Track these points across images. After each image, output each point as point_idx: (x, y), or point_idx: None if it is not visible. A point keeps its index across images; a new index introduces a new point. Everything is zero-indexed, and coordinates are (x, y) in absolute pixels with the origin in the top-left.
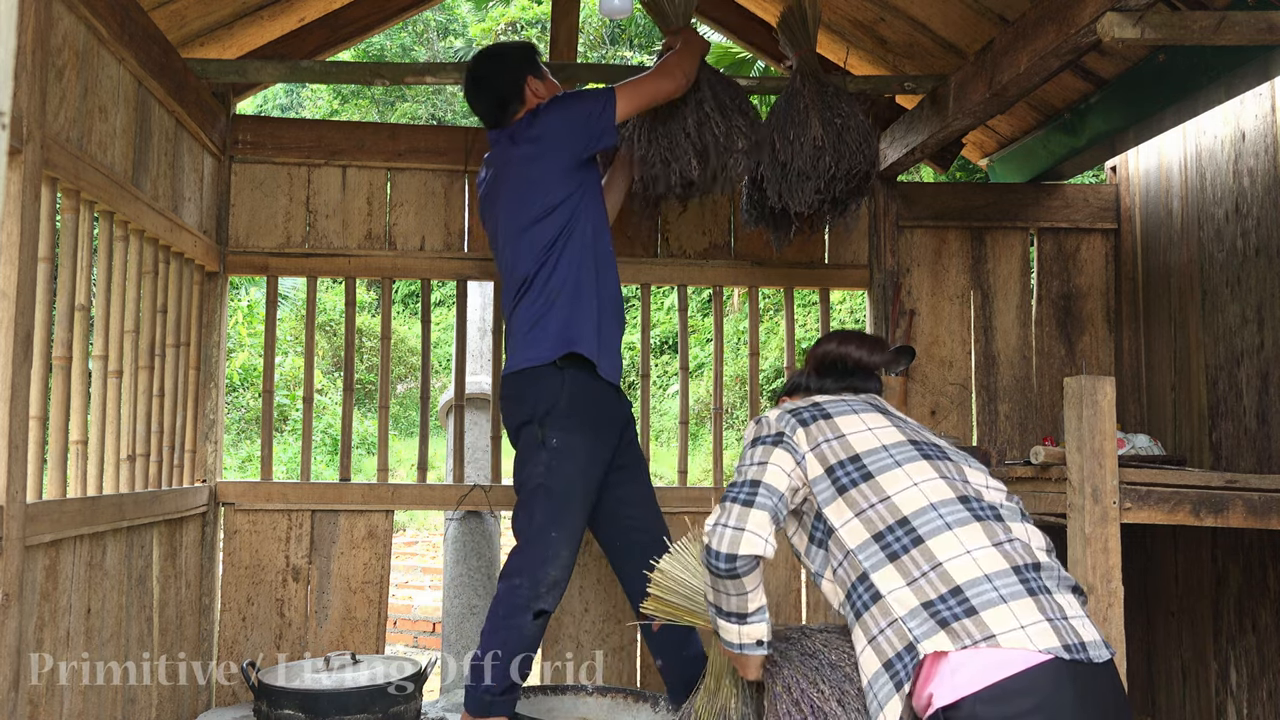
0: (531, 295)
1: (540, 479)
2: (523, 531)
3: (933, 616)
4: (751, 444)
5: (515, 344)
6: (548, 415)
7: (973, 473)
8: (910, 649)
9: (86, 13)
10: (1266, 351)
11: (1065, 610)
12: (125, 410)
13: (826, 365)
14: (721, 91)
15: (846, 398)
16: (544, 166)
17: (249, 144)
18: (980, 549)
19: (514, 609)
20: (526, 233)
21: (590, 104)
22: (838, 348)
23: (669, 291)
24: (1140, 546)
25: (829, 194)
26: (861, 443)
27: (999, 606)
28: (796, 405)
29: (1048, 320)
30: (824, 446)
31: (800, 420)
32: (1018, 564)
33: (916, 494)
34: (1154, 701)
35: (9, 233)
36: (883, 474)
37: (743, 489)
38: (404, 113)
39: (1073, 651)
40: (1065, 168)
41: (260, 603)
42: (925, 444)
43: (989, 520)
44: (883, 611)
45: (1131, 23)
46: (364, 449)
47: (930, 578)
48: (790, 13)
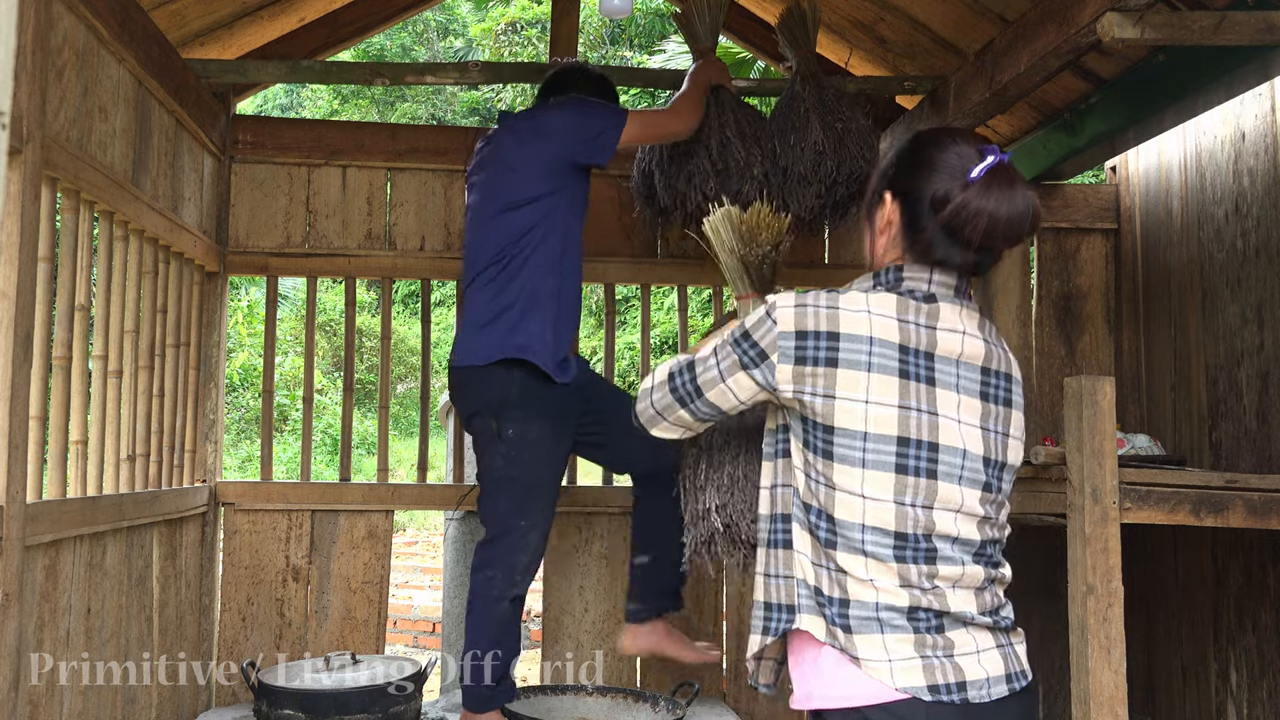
0: (493, 286)
1: (501, 470)
2: (490, 521)
3: (819, 605)
4: (738, 339)
5: (467, 334)
6: (501, 407)
7: (969, 496)
8: (791, 610)
9: (86, 13)
10: (1266, 351)
11: (955, 648)
12: (125, 410)
13: (959, 230)
14: (743, 119)
15: (884, 331)
16: (533, 156)
17: (249, 144)
18: (885, 587)
19: (489, 600)
20: (500, 216)
21: (603, 120)
22: (992, 209)
23: (669, 291)
24: (1140, 546)
25: (830, 198)
26: (845, 416)
27: (874, 635)
28: (810, 329)
29: (1048, 320)
30: (808, 396)
31: (800, 355)
32: (918, 607)
33: (857, 506)
34: (1154, 701)
35: (9, 233)
36: (842, 463)
37: (689, 383)
38: (404, 113)
39: (939, 693)
40: (1065, 168)
41: (260, 603)
42: (925, 446)
43: (912, 564)
44: (787, 561)
45: (1131, 23)
46: (364, 449)
47: (835, 576)
48: (790, 14)
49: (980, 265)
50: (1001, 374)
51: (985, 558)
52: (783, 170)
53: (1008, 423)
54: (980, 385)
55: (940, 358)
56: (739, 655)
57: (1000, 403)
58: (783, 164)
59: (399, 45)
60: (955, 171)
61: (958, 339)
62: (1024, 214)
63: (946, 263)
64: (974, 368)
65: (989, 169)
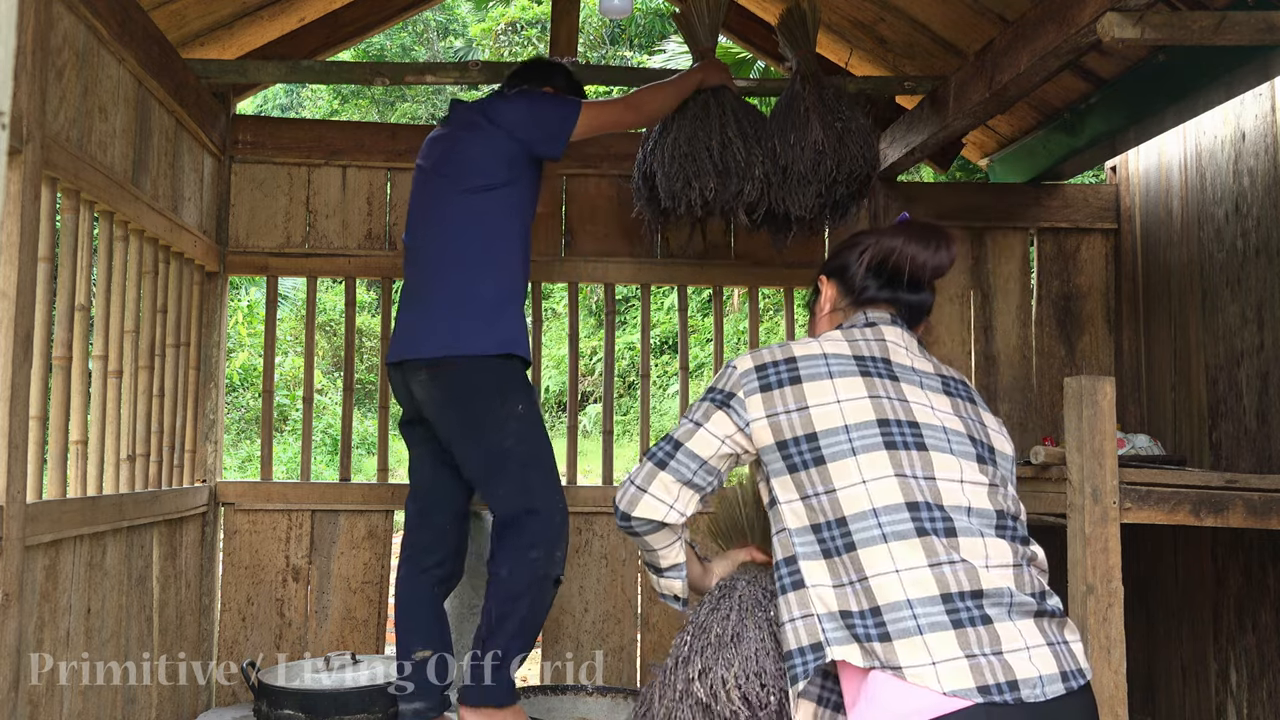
0: (468, 274)
1: (516, 448)
2: (521, 499)
3: (848, 627)
4: (705, 394)
5: (443, 319)
6: (506, 386)
7: (967, 466)
8: (818, 649)
9: (86, 13)
10: (1266, 351)
11: (1003, 643)
12: (125, 410)
13: (881, 267)
14: (744, 119)
15: (837, 349)
16: (489, 148)
17: (249, 144)
18: (910, 569)
19: (541, 580)
20: (462, 203)
21: (557, 111)
22: (903, 247)
23: (669, 291)
24: (1140, 546)
25: (830, 197)
26: (823, 419)
27: (913, 638)
28: (768, 361)
29: (1048, 320)
30: (782, 417)
31: (764, 383)
32: (949, 590)
33: (861, 493)
34: (1154, 701)
35: (9, 233)
36: (835, 461)
37: (664, 446)
38: (404, 113)
39: (991, 693)
40: (1065, 168)
41: (260, 603)
42: (906, 425)
43: (934, 535)
44: (801, 601)
45: (1131, 23)
46: (364, 449)
47: (856, 589)
48: (790, 14)
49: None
50: (956, 379)
51: (1008, 531)
52: (782, 169)
53: (980, 416)
54: (941, 384)
55: (895, 363)
56: None
57: (964, 399)
58: (782, 163)
59: (399, 45)
60: (874, 238)
61: (904, 352)
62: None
63: (877, 301)
64: (929, 373)
65: (901, 220)
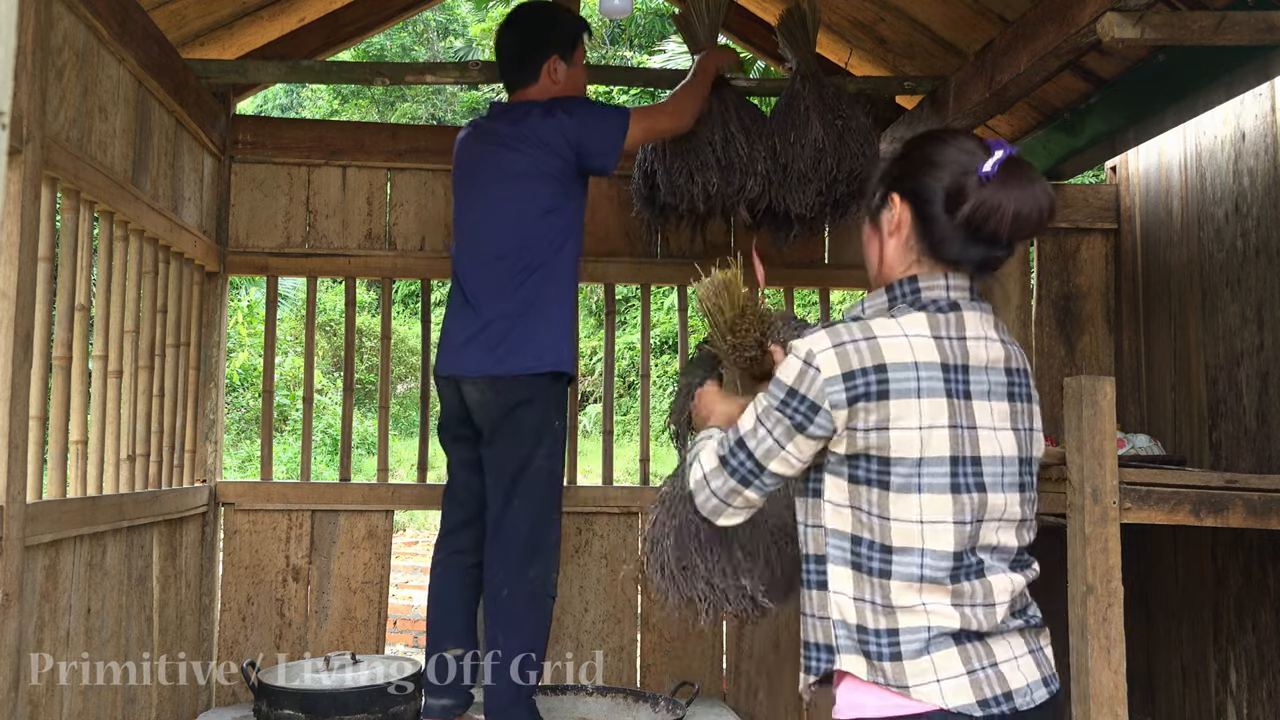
0: (524, 295)
1: (547, 462)
2: (534, 516)
3: (860, 642)
4: (786, 398)
5: (500, 340)
6: (551, 402)
7: (1011, 501)
8: (829, 651)
9: (86, 13)
10: (1266, 351)
11: (996, 656)
12: (125, 410)
13: (979, 228)
14: (746, 116)
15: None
16: (542, 169)
17: (249, 144)
18: (936, 610)
19: (544, 598)
20: (514, 221)
21: (610, 125)
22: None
23: (669, 291)
24: (1140, 546)
25: (830, 196)
26: (900, 446)
27: (922, 659)
28: (856, 369)
29: (1047, 320)
30: (860, 434)
31: (851, 395)
32: (968, 629)
33: (915, 532)
34: (1154, 701)
35: (9, 233)
36: (899, 493)
37: (746, 460)
38: (404, 113)
39: (989, 706)
40: (1065, 168)
41: (260, 603)
42: (970, 461)
43: (965, 581)
44: (821, 603)
45: (1131, 23)
46: (364, 449)
47: (877, 610)
48: (790, 14)
49: (996, 262)
50: (1021, 370)
51: (1022, 564)
52: (783, 168)
53: (1032, 417)
54: (1007, 386)
55: (973, 368)
56: (739, 656)
57: (1024, 399)
58: (782, 161)
59: (399, 45)
60: (963, 167)
61: (983, 346)
62: (1044, 205)
63: (961, 262)
64: (999, 370)
65: (1001, 162)
